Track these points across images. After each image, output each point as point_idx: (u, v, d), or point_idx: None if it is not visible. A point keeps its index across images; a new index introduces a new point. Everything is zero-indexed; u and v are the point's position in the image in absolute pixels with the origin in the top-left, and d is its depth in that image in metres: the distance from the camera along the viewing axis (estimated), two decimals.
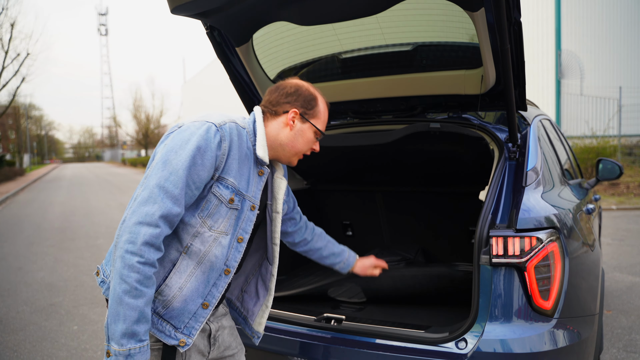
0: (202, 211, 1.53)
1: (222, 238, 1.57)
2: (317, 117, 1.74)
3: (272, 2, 2.16)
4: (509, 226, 1.92)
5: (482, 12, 2.01)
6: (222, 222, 1.56)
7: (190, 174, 1.46)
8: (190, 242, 1.53)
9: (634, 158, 14.78)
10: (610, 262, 6.06)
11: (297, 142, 1.72)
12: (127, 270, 1.35)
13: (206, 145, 1.48)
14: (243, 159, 1.60)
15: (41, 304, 5.16)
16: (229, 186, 1.56)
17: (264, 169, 1.69)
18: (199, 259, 1.54)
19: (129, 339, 1.34)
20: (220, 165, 1.53)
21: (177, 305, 1.52)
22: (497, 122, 2.57)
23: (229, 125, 1.56)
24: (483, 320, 1.91)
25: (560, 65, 16.34)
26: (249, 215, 1.64)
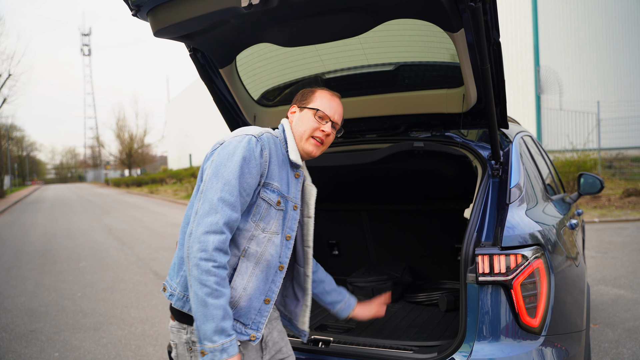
0: (254, 215, 1.70)
1: (274, 238, 1.74)
2: (313, 101, 1.88)
3: (255, 24, 2.17)
4: (494, 244, 1.93)
5: (462, 32, 2.04)
6: (273, 223, 1.74)
7: (241, 182, 1.62)
8: (247, 246, 1.69)
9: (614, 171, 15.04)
10: (595, 275, 6.12)
11: (298, 127, 1.86)
12: (205, 275, 1.51)
13: (250, 155, 1.65)
14: (281, 165, 1.78)
15: (21, 330, 5.03)
16: (275, 190, 1.73)
17: (299, 171, 1.87)
18: (256, 259, 1.70)
19: (220, 335, 1.50)
20: (265, 171, 1.70)
21: (244, 304, 1.68)
22: (479, 140, 2.60)
23: (266, 135, 1.74)
24: (471, 340, 1.90)
25: (539, 81, 16.66)
26: (293, 214, 1.82)
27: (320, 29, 2.19)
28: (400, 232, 3.58)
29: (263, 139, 1.71)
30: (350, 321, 2.77)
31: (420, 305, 3.03)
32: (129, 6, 2.08)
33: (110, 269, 8.01)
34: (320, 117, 1.87)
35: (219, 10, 1.96)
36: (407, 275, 3.32)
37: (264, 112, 2.95)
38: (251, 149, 1.66)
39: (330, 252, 3.81)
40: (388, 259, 3.64)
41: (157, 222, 14.71)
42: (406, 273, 3.32)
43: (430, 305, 2.99)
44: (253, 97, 2.90)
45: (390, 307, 3.02)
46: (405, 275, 3.29)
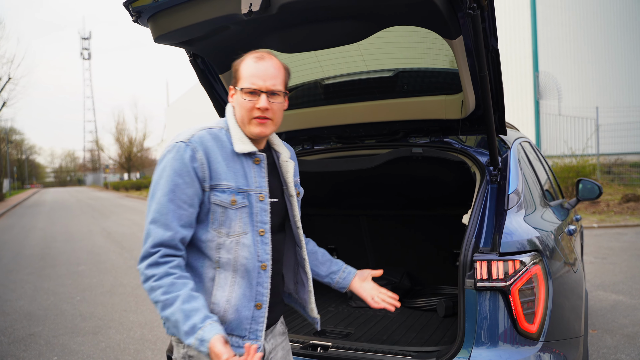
0: (212, 223, 1.58)
1: (243, 239, 1.60)
2: (239, 78, 1.64)
3: (255, 30, 2.18)
4: (493, 250, 1.94)
5: (460, 40, 2.05)
6: (235, 224, 1.59)
7: (176, 197, 1.51)
8: (218, 256, 1.58)
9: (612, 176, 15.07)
10: (594, 280, 6.12)
11: (237, 112, 1.66)
12: (152, 294, 1.47)
13: (180, 165, 1.53)
14: (230, 158, 1.61)
15: (20, 334, 5.02)
16: (226, 189, 1.58)
17: (258, 155, 1.68)
18: (232, 267, 1.59)
19: (191, 334, 1.43)
20: (205, 175, 1.55)
21: (232, 316, 1.58)
22: (478, 146, 2.61)
23: (197, 135, 1.58)
24: (470, 345, 1.91)
25: (538, 87, 16.71)
26: (261, 206, 1.65)
27: (319, 35, 2.21)
28: (399, 237, 3.58)
29: (193, 141, 1.56)
30: (349, 326, 2.78)
31: (419, 310, 3.03)
32: (130, 12, 2.09)
33: (109, 273, 8.01)
34: (251, 94, 1.61)
35: (219, 17, 1.98)
36: (405, 280, 3.32)
37: None
38: (180, 158, 1.53)
39: None
40: (386, 264, 3.64)
41: None
42: (405, 278, 3.33)
43: (428, 310, 3.00)
44: None
45: (389, 313, 3.03)
46: (403, 281, 3.30)
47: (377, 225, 3.60)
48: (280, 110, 1.68)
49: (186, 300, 1.45)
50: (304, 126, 2.94)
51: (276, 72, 1.64)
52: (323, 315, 3.00)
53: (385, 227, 3.59)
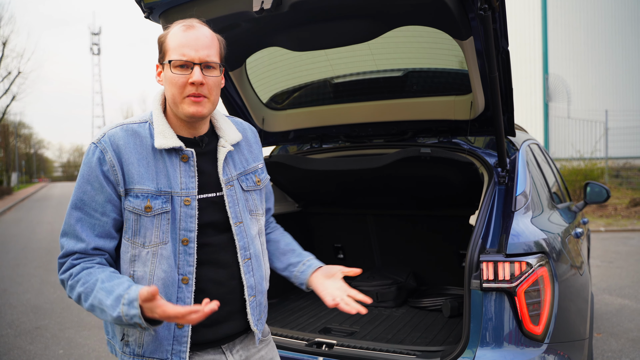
0: (125, 232, 1.39)
1: (162, 249, 1.38)
2: (167, 51, 1.40)
3: (266, 28, 2.20)
4: (499, 251, 1.94)
5: (470, 40, 2.06)
6: (152, 233, 1.37)
7: (86, 205, 1.36)
8: (132, 270, 1.38)
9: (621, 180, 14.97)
10: (600, 284, 6.09)
11: (167, 92, 1.42)
12: (73, 292, 1.35)
13: (88, 169, 1.37)
14: (151, 156, 1.39)
15: (26, 327, 5.07)
16: (139, 194, 1.36)
17: (186, 152, 1.42)
18: (148, 282, 1.37)
19: (116, 305, 1.24)
20: (117, 178, 1.36)
21: (149, 338, 1.39)
22: (486, 147, 2.61)
23: (109, 133, 1.38)
24: (474, 345, 1.91)
25: (547, 89, 16.62)
26: (185, 211, 1.40)
27: (330, 34, 2.22)
28: (405, 237, 3.59)
29: (103, 141, 1.36)
30: (354, 325, 2.78)
31: (424, 310, 3.03)
32: (142, 9, 2.11)
33: None
34: (182, 67, 1.38)
35: (231, 14, 1.99)
36: (411, 280, 3.33)
37: (273, 115, 2.98)
38: (88, 162, 1.36)
39: (336, 255, 3.83)
40: (393, 263, 3.65)
41: None
42: (410, 278, 3.33)
43: (434, 310, 3.00)
44: (262, 100, 2.93)
45: (394, 312, 3.04)
46: (409, 280, 3.30)
47: (383, 225, 3.60)
48: (217, 87, 1.43)
49: (107, 279, 1.30)
50: (312, 124, 2.95)
51: (210, 42, 1.41)
52: (329, 313, 3.01)
53: (392, 227, 3.59)
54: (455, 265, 3.30)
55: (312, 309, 3.08)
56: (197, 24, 1.42)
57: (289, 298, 3.32)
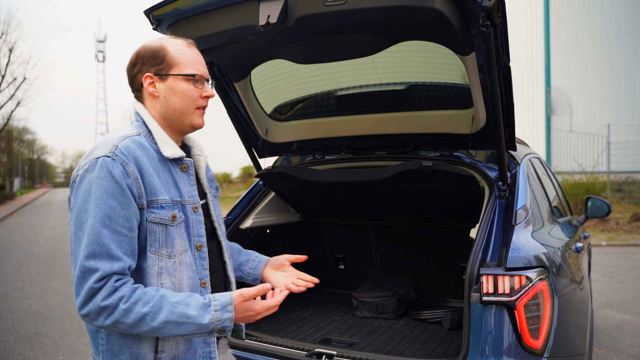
0: (151, 245, 1.37)
1: (185, 257, 1.43)
2: (175, 64, 1.45)
3: (271, 41, 2.23)
4: (499, 264, 1.96)
5: (472, 56, 2.09)
6: (177, 242, 1.41)
7: (113, 222, 1.30)
8: (159, 283, 1.37)
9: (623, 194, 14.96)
10: (601, 299, 6.08)
11: (173, 105, 1.46)
12: (129, 316, 1.27)
13: (111, 184, 1.30)
14: (159, 167, 1.42)
15: (26, 333, 5.07)
16: (164, 205, 1.38)
17: (186, 161, 1.49)
18: (177, 291, 1.40)
19: (206, 309, 1.32)
20: (140, 190, 1.34)
21: (183, 347, 1.42)
22: (487, 161, 2.64)
23: (121, 145, 1.36)
24: (474, 359, 1.92)
25: (550, 102, 16.66)
26: (196, 218, 1.48)
27: (334, 48, 2.25)
28: (406, 249, 3.60)
29: (119, 154, 1.33)
30: (354, 336, 2.79)
31: (424, 322, 3.04)
32: (150, 20, 2.15)
33: None
34: (194, 81, 1.47)
35: (237, 27, 2.02)
36: (411, 292, 3.34)
37: (276, 126, 3.01)
38: (108, 176, 1.30)
39: (336, 266, 3.84)
40: (393, 275, 3.66)
41: None
42: (411, 290, 3.34)
43: (433, 323, 3.01)
44: (266, 111, 2.96)
45: (394, 324, 3.04)
46: (410, 292, 3.31)
47: (384, 236, 3.62)
48: None
49: (172, 295, 1.32)
50: (315, 136, 2.98)
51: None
52: (329, 323, 3.02)
53: (393, 239, 3.61)
54: (455, 278, 3.31)
55: (313, 319, 3.09)
56: (192, 42, 1.53)
57: (290, 308, 3.33)
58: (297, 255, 1.76)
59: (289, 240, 3.50)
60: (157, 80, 1.45)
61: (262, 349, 2.38)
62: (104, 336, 1.39)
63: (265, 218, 3.15)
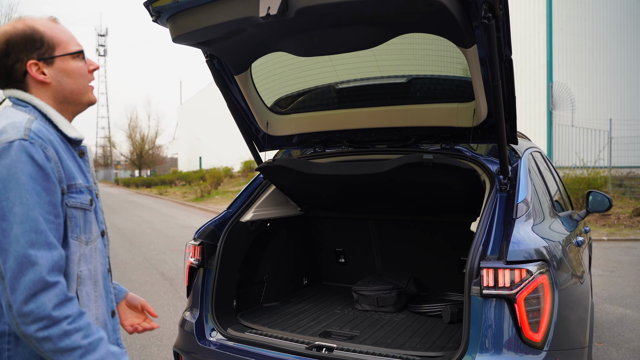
0: (72, 232, 1.30)
1: (98, 243, 1.40)
2: (57, 44, 1.36)
3: (272, 33, 2.22)
4: (500, 258, 1.95)
5: (474, 48, 2.08)
6: (93, 228, 1.38)
7: (42, 208, 1.20)
8: (79, 270, 1.32)
9: (624, 189, 14.93)
10: (601, 293, 6.08)
11: (69, 86, 1.38)
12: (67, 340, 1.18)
13: (35, 169, 1.20)
14: (66, 152, 1.33)
15: None
16: (82, 189, 1.34)
17: (82, 147, 1.42)
18: (93, 280, 1.38)
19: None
20: (61, 175, 1.28)
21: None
22: (488, 155, 2.63)
23: (34, 128, 1.25)
24: (474, 352, 1.92)
25: (551, 97, 16.62)
26: (99, 205, 1.45)
27: (335, 40, 2.24)
28: (406, 242, 3.60)
29: (36, 137, 1.23)
30: (354, 329, 2.79)
31: (424, 315, 3.04)
32: (150, 12, 2.14)
33: (117, 269, 8.08)
34: (79, 58, 1.40)
35: (237, 19, 2.02)
36: (412, 285, 3.34)
37: (277, 119, 3.00)
38: (30, 160, 1.20)
39: (337, 260, 3.84)
40: (394, 268, 3.66)
41: (165, 224, 14.81)
42: (411, 283, 3.34)
43: (434, 316, 3.01)
44: (266, 104, 2.95)
45: (395, 317, 3.05)
46: (410, 286, 3.31)
47: (385, 230, 3.62)
48: None
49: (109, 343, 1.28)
50: (316, 129, 2.97)
51: None
52: (328, 317, 3.02)
53: (394, 232, 3.61)
54: (456, 272, 3.31)
55: (313, 313, 3.10)
56: (53, 18, 1.43)
57: (290, 301, 3.33)
58: (151, 309, 1.71)
59: (289, 234, 3.50)
60: (43, 65, 1.34)
61: (263, 341, 2.39)
62: (12, 341, 1.24)
63: (266, 211, 3.15)
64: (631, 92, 18.06)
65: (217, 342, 2.48)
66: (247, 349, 2.38)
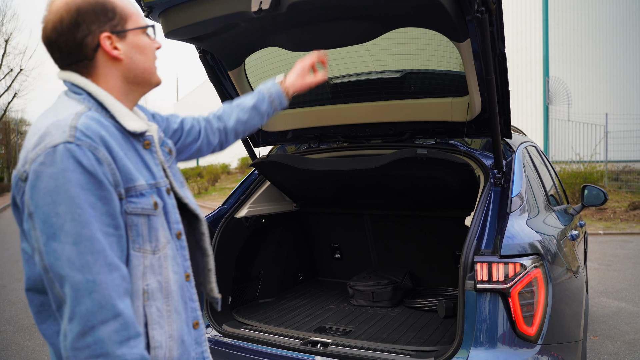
0: (134, 242, 1.13)
1: (168, 249, 1.21)
2: (128, 16, 1.22)
3: (264, 29, 2.21)
4: (494, 252, 1.95)
5: (467, 43, 2.07)
6: (161, 234, 1.19)
7: (99, 221, 1.05)
8: (144, 285, 1.15)
9: (620, 183, 14.98)
10: (597, 287, 6.10)
11: (141, 63, 1.23)
12: None
13: (84, 176, 1.04)
14: (124, 146, 1.16)
15: (24, 324, 5.08)
16: (143, 191, 1.16)
17: (147, 137, 1.23)
18: (163, 293, 1.19)
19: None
20: (116, 178, 1.10)
21: (177, 351, 1.21)
22: (483, 149, 2.63)
23: (80, 125, 1.07)
24: (468, 346, 1.93)
25: (547, 92, 16.63)
26: (171, 202, 1.25)
27: (328, 35, 2.23)
28: (402, 237, 3.60)
29: (83, 137, 1.06)
30: (350, 324, 2.80)
31: (420, 310, 3.05)
32: (142, 7, 2.12)
33: None
34: (146, 34, 1.26)
35: (230, 14, 2.00)
36: (407, 280, 3.34)
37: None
38: (78, 167, 1.03)
39: (332, 255, 3.84)
40: (389, 264, 3.66)
41: None
42: (407, 278, 3.34)
43: (429, 310, 3.01)
44: None
45: (390, 312, 3.05)
46: (405, 281, 3.31)
47: (380, 225, 3.62)
48: None
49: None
50: (310, 124, 2.96)
51: None
52: (324, 312, 3.02)
53: (389, 227, 3.61)
54: (451, 266, 3.31)
55: (308, 308, 3.10)
56: None
57: (285, 297, 3.33)
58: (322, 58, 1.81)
59: (284, 230, 3.49)
60: (116, 39, 1.19)
61: (258, 337, 2.39)
62: None
63: (261, 207, 3.14)
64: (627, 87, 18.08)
65: (213, 338, 2.48)
66: (242, 345, 2.38)
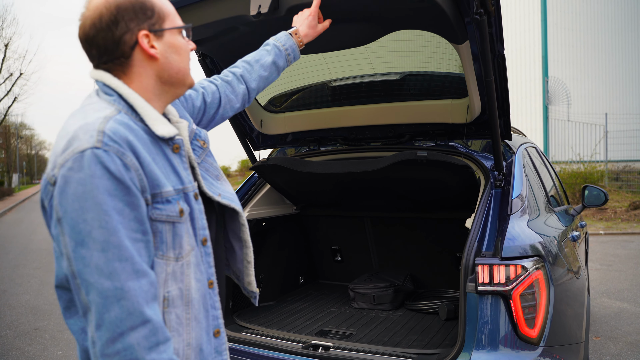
0: (158, 249, 1.13)
1: (192, 257, 1.20)
2: (166, 15, 1.20)
3: (263, 32, 2.20)
4: (495, 254, 1.95)
5: (467, 44, 2.07)
6: (185, 241, 1.18)
7: (127, 228, 1.05)
8: (165, 292, 1.14)
9: (620, 183, 14.97)
10: (599, 287, 6.09)
11: (177, 64, 1.21)
12: None
13: (112, 182, 1.03)
14: (152, 151, 1.15)
15: (25, 328, 5.07)
16: (170, 198, 1.14)
17: (177, 140, 1.21)
18: (184, 300, 1.18)
19: None
20: (144, 184, 1.09)
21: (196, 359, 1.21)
22: (483, 151, 2.62)
23: (108, 130, 1.06)
24: (470, 349, 1.92)
25: (547, 92, 16.64)
26: (198, 207, 1.24)
27: (328, 38, 2.22)
28: (402, 240, 3.60)
29: (111, 142, 1.05)
30: (351, 327, 2.79)
31: (421, 313, 3.04)
32: None
33: None
34: (186, 33, 1.26)
35: (229, 18, 2.01)
36: (408, 283, 3.33)
37: (271, 118, 2.99)
38: (105, 173, 1.03)
39: (333, 258, 3.83)
40: (390, 266, 3.65)
41: None
42: (408, 281, 3.33)
43: (430, 313, 3.01)
44: (260, 103, 2.94)
45: (391, 315, 3.04)
46: (406, 283, 3.31)
47: (381, 228, 3.61)
48: None
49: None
50: (310, 127, 2.96)
51: None
52: (325, 315, 3.02)
53: (390, 230, 3.60)
54: (452, 268, 3.31)
55: (309, 312, 3.09)
56: None
57: (286, 300, 3.33)
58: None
59: (285, 233, 3.49)
60: (154, 38, 1.17)
61: (259, 341, 2.38)
62: None
63: (261, 210, 3.14)
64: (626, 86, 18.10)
65: None
66: (243, 349, 2.37)
